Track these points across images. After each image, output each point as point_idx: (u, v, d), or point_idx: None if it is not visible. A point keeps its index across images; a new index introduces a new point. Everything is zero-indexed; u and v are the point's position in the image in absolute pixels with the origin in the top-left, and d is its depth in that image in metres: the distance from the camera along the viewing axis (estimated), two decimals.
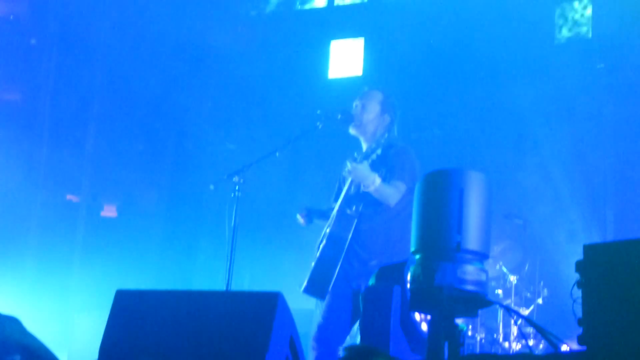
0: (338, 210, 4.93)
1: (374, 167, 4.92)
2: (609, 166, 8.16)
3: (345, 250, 4.83)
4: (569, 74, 8.21)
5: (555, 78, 8.34)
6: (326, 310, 4.85)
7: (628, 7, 8.00)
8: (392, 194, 4.84)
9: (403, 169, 4.89)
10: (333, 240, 4.87)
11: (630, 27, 8.03)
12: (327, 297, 4.85)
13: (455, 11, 8.98)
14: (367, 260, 4.84)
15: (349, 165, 4.85)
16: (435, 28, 9.07)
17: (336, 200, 5.09)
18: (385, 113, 5.08)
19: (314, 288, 4.87)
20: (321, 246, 4.89)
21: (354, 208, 4.92)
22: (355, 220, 4.86)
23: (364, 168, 4.81)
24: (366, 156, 4.92)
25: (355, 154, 5.02)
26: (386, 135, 5.06)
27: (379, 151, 4.93)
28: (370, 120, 5.05)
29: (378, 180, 4.79)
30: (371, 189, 4.79)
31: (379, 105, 5.09)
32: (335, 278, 4.82)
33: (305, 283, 4.89)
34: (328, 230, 4.90)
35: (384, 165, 4.92)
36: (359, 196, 4.92)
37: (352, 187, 5.02)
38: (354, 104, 5.16)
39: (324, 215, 5.16)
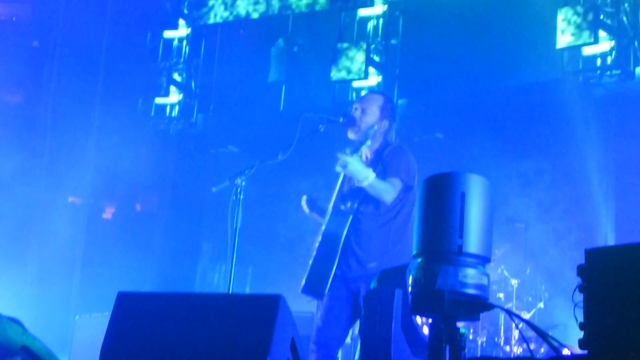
0: (332, 207, 4.88)
1: (369, 165, 4.89)
2: (611, 170, 8.16)
3: (340, 247, 4.79)
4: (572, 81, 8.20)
5: (558, 83, 8.34)
6: (324, 313, 4.82)
7: None
8: (387, 189, 4.73)
9: (399, 165, 4.82)
10: (328, 237, 4.82)
11: None
12: (325, 299, 4.81)
13: (458, 12, 8.98)
14: (365, 262, 4.79)
15: (341, 157, 4.71)
16: (436, 30, 9.07)
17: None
18: (384, 118, 5.02)
19: (312, 288, 4.81)
20: (316, 244, 4.86)
21: (348, 204, 4.86)
22: (350, 217, 4.80)
23: (356, 162, 4.69)
24: (356, 149, 4.86)
25: (348, 151, 4.97)
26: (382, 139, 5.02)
27: (368, 142, 4.90)
28: (369, 125, 5.00)
29: (372, 175, 4.70)
30: (365, 184, 4.71)
31: (378, 110, 5.03)
32: (333, 279, 4.76)
33: (303, 283, 4.85)
34: (323, 228, 4.87)
35: (380, 163, 4.88)
36: (354, 192, 4.84)
37: (346, 184, 4.97)
38: (353, 107, 5.11)
39: (323, 213, 5.09)
